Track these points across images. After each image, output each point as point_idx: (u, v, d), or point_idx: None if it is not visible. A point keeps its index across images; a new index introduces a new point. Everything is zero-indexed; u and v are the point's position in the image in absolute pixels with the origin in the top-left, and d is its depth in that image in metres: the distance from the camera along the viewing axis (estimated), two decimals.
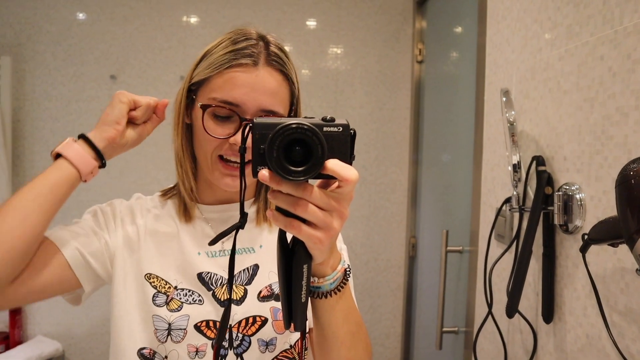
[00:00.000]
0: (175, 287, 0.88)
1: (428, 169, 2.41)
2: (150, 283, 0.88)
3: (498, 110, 1.41)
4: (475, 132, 1.62)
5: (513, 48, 1.34)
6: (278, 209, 0.58)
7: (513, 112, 1.18)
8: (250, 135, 0.56)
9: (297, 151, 0.53)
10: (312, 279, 0.66)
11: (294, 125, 0.52)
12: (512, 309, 1.12)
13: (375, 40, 2.59)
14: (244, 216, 0.67)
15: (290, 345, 0.90)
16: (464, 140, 1.80)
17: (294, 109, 0.90)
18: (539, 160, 1.14)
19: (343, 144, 0.56)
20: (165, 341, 0.84)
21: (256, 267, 0.93)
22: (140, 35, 2.51)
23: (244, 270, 0.91)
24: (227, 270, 0.87)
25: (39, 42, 2.47)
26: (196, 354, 0.85)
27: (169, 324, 0.85)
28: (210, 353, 0.85)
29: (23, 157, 2.48)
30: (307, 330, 0.89)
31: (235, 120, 0.83)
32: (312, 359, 0.92)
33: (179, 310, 0.86)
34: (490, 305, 1.30)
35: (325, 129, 0.55)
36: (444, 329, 1.77)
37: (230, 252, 0.71)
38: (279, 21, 2.56)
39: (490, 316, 1.32)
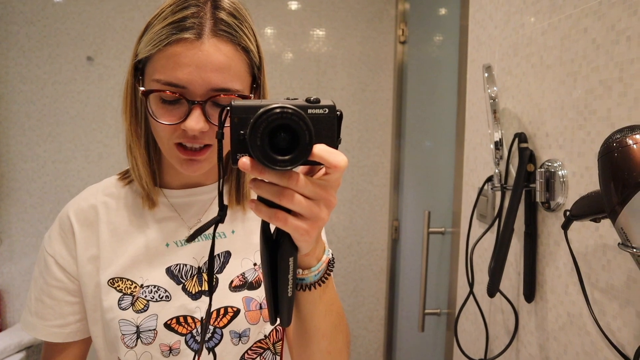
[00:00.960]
0: (141, 286, 0.82)
1: (411, 150, 2.39)
2: (115, 288, 0.82)
3: (480, 88, 1.39)
4: (458, 111, 1.60)
5: (496, 24, 1.31)
6: (261, 199, 0.54)
7: (495, 88, 1.16)
8: (228, 119, 0.52)
9: (282, 138, 0.49)
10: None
11: (278, 110, 0.48)
12: (493, 289, 1.10)
13: (357, 21, 2.55)
14: (223, 209, 0.62)
15: (265, 336, 0.85)
16: (447, 120, 1.78)
17: (259, 82, 0.80)
18: (521, 137, 1.12)
19: (329, 127, 0.52)
20: (135, 345, 0.79)
21: (228, 255, 0.87)
22: (118, 16, 2.44)
23: (214, 257, 0.84)
24: (197, 258, 0.84)
25: (12, 23, 2.38)
26: (170, 352, 0.81)
27: (137, 327, 0.80)
28: (184, 349, 0.81)
29: None
30: None
31: (184, 103, 0.73)
32: (286, 349, 0.89)
33: (145, 310, 0.81)
34: (471, 286, 1.29)
35: (310, 111, 0.51)
36: (426, 311, 1.76)
37: (209, 238, 0.66)
38: (259, 2, 2.50)
39: (471, 297, 1.31)
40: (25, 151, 2.42)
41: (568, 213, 0.89)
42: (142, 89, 0.75)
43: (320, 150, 0.50)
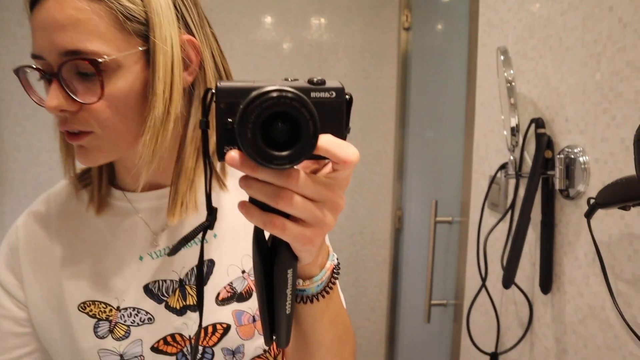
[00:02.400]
0: (118, 308, 0.70)
1: (415, 139, 2.35)
2: (87, 313, 0.70)
3: (492, 73, 1.34)
4: (467, 98, 1.55)
5: (509, 6, 1.26)
6: (253, 201, 0.45)
7: (512, 71, 1.11)
8: (214, 105, 0.43)
9: (279, 129, 0.40)
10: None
11: (274, 94, 0.38)
12: (509, 280, 1.06)
13: (360, 7, 2.49)
14: (212, 213, 0.52)
15: (264, 350, 0.74)
16: (454, 108, 1.74)
17: (151, 50, 0.62)
18: (538, 122, 1.08)
19: (337, 113, 0.43)
20: None
21: (212, 263, 0.73)
22: None
23: (196, 266, 0.73)
24: (177, 270, 0.73)
25: (4, 9, 2.32)
26: None
27: (121, 355, 0.69)
28: None
29: None
30: None
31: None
32: None
33: (127, 337, 0.70)
34: (484, 277, 1.25)
35: (313, 94, 0.42)
36: (433, 302, 1.73)
37: (189, 246, 0.55)
38: None
39: (483, 288, 1.27)
40: (19, 141, 2.36)
41: (593, 201, 0.85)
42: (13, 68, 0.64)
43: (327, 142, 0.42)
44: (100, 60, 0.58)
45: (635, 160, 0.65)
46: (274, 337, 0.55)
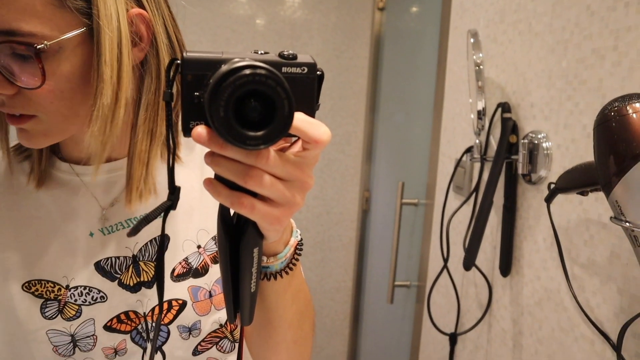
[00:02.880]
0: (67, 287, 0.67)
1: (385, 121, 2.35)
2: (33, 293, 0.66)
3: (462, 56, 1.34)
4: (437, 81, 1.55)
5: None
6: (220, 179, 0.43)
7: (481, 55, 1.11)
8: (178, 76, 0.40)
9: (252, 107, 0.37)
10: None
11: (247, 71, 0.36)
12: (470, 262, 1.08)
13: None
14: (174, 192, 0.49)
15: (220, 325, 0.73)
16: (424, 90, 1.74)
17: (95, 29, 0.57)
18: (504, 107, 1.08)
19: (308, 90, 0.41)
20: (73, 354, 0.67)
21: (166, 239, 0.71)
22: None
23: (150, 241, 0.70)
24: (130, 246, 0.70)
25: None
26: (115, 354, 0.69)
27: (72, 335, 0.66)
28: (131, 347, 0.69)
29: None
30: None
31: None
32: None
33: (78, 317, 0.66)
34: (446, 259, 1.27)
35: (284, 69, 0.40)
36: (396, 283, 1.75)
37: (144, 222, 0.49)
38: None
39: (445, 270, 1.29)
40: None
41: (553, 186, 0.86)
42: None
43: (300, 120, 0.40)
44: (39, 46, 0.53)
45: (594, 145, 0.66)
46: (237, 315, 0.53)
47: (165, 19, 0.64)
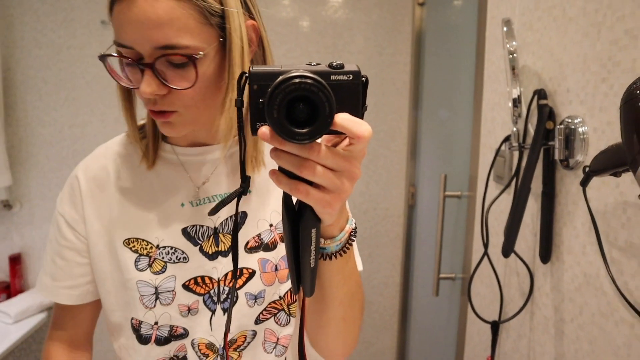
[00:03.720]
0: (157, 246, 0.81)
1: (428, 115, 2.35)
2: (130, 248, 0.81)
3: (500, 45, 1.34)
4: (476, 71, 1.55)
5: None
6: (281, 170, 0.52)
7: (514, 43, 1.11)
8: (247, 86, 0.50)
9: (300, 109, 0.46)
10: None
11: (296, 80, 0.45)
12: (508, 248, 1.08)
13: None
14: (245, 180, 0.60)
15: (280, 297, 0.84)
16: (465, 82, 1.73)
17: (228, 39, 0.71)
18: (540, 93, 1.08)
19: (354, 94, 0.49)
20: (154, 306, 0.80)
21: (244, 215, 0.84)
22: None
23: (230, 217, 0.83)
24: (214, 218, 0.83)
25: None
26: (188, 312, 0.81)
27: (156, 288, 0.80)
28: (202, 309, 0.81)
29: (15, 107, 2.42)
30: None
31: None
32: (298, 311, 0.87)
33: (163, 272, 0.80)
34: (486, 247, 1.27)
35: (332, 77, 0.48)
36: (441, 276, 1.75)
37: (227, 201, 0.62)
38: None
39: (486, 258, 1.29)
40: (42, 116, 2.43)
41: (587, 169, 0.86)
42: (98, 55, 0.72)
43: (343, 119, 0.48)
44: (197, 56, 0.68)
45: (621, 124, 0.66)
46: (301, 287, 0.62)
47: (264, 26, 0.79)
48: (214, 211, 0.62)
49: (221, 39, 0.71)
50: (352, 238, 0.65)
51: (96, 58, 0.67)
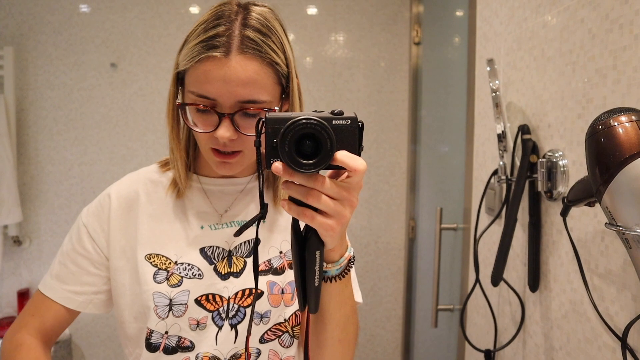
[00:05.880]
0: (175, 262, 0.89)
1: (426, 150, 2.41)
2: (151, 262, 0.89)
3: (487, 83, 1.41)
4: (467, 108, 1.62)
5: (501, 20, 1.33)
6: (291, 199, 0.61)
7: (497, 82, 1.18)
8: (263, 129, 0.59)
9: (307, 145, 0.56)
10: None
11: (303, 121, 0.56)
12: (497, 277, 1.12)
13: (372, 24, 2.58)
14: (264, 207, 0.70)
15: (285, 319, 0.90)
16: (459, 118, 1.80)
17: (288, 91, 0.84)
18: (524, 128, 1.14)
19: (351, 136, 0.59)
20: (167, 317, 0.86)
21: (258, 242, 0.92)
22: (140, 24, 2.52)
23: (244, 242, 0.92)
24: (229, 242, 0.92)
25: (40, 33, 2.49)
26: (197, 326, 0.86)
27: (170, 300, 0.86)
28: (210, 325, 0.87)
29: (27, 146, 2.52)
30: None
31: (216, 113, 0.80)
32: (302, 333, 0.92)
33: (179, 286, 0.87)
34: (477, 277, 1.31)
35: (334, 122, 0.58)
36: (440, 307, 1.78)
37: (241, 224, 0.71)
38: (278, 8, 2.55)
39: (478, 287, 1.32)
40: (53, 154, 2.51)
41: (565, 200, 0.91)
42: (178, 101, 0.84)
43: (342, 155, 0.58)
44: (271, 109, 0.80)
45: (586, 157, 0.71)
46: (306, 305, 0.70)
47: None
48: (239, 232, 0.71)
49: (283, 95, 0.84)
50: (351, 264, 0.73)
51: (105, 99, 0.75)
